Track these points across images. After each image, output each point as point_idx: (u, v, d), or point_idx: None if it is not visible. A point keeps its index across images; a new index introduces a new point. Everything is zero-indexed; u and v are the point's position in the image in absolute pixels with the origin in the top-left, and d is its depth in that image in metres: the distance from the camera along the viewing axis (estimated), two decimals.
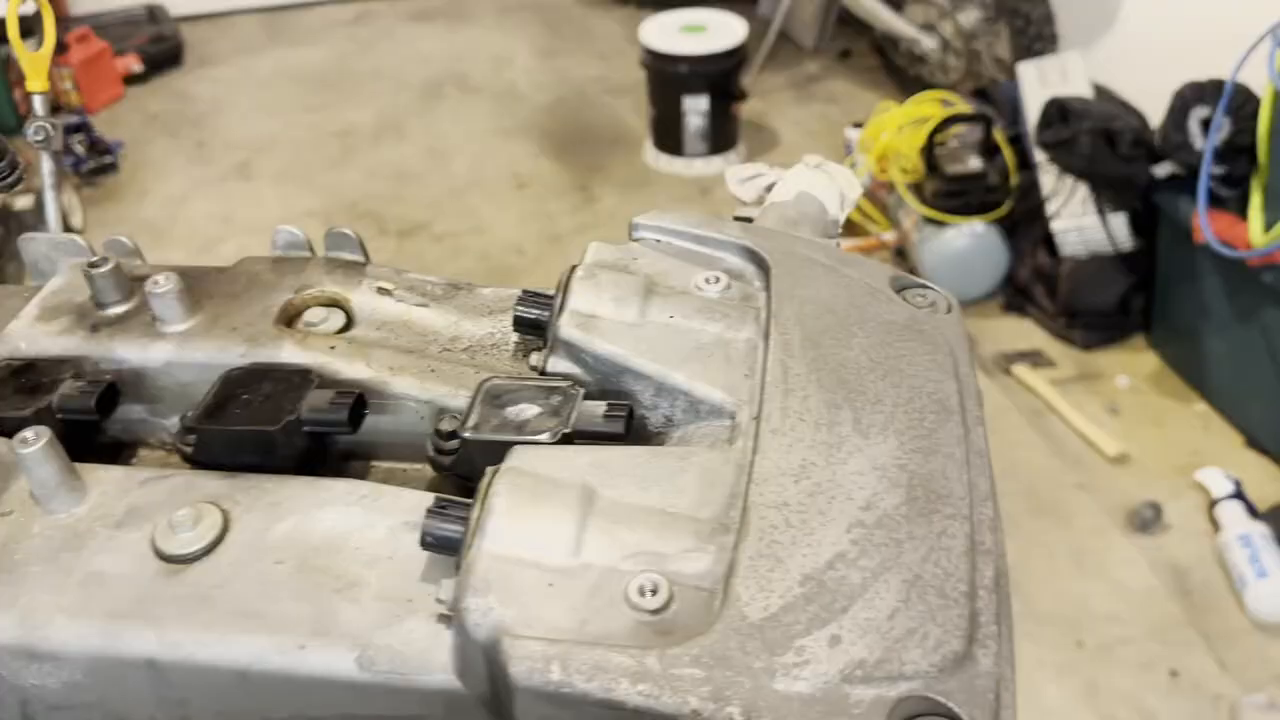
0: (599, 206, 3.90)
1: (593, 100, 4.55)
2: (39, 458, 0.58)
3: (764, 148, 4.10)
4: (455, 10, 5.33)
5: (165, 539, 0.57)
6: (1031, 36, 3.58)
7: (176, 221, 3.85)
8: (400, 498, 0.59)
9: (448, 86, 4.66)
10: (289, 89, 4.66)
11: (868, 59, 4.56)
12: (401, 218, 3.85)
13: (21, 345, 0.70)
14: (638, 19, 5.13)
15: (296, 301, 0.71)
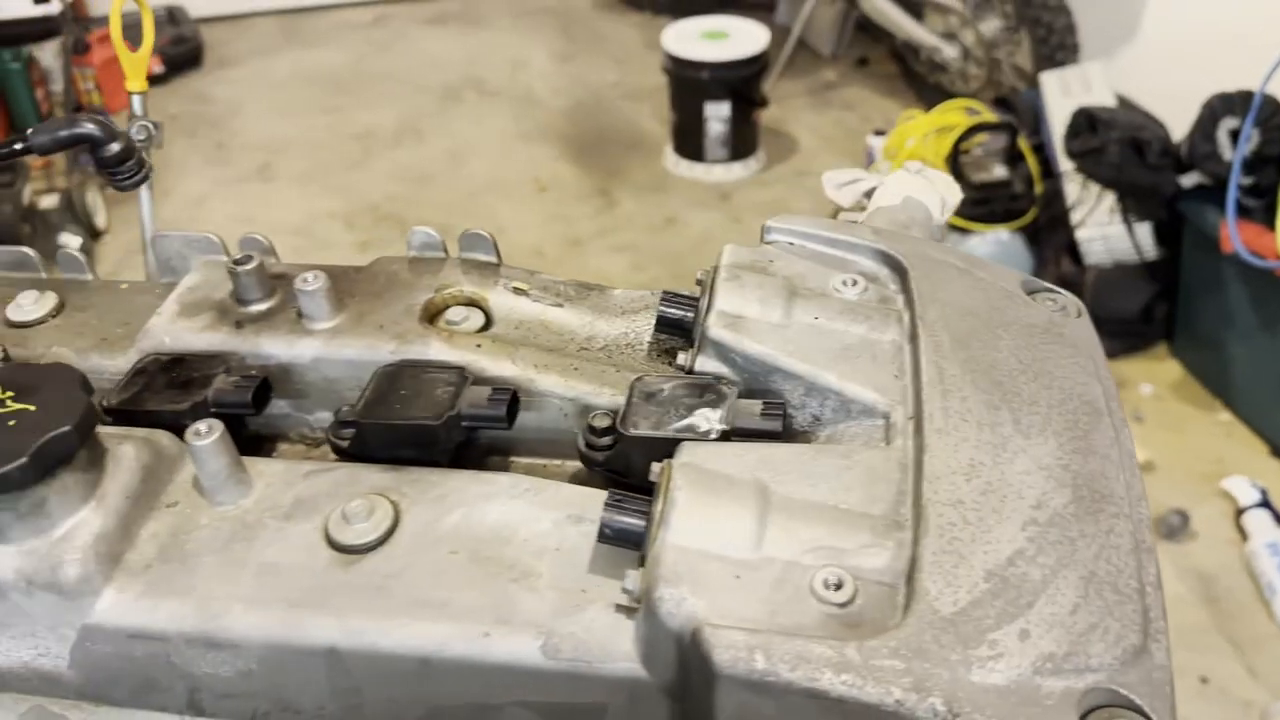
0: (619, 211, 3.91)
1: (610, 105, 4.57)
2: (212, 451, 0.59)
3: (783, 154, 4.13)
4: (470, 14, 5.35)
5: (339, 530, 0.58)
6: (1053, 46, 3.61)
7: (198, 222, 3.86)
8: (560, 491, 0.60)
9: (465, 90, 4.68)
10: (307, 91, 4.67)
11: (885, 66, 4.59)
12: (423, 220, 3.79)
13: (166, 340, 0.71)
14: (653, 25, 5.18)
15: (437, 300, 0.73)
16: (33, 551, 0.56)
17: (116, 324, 0.75)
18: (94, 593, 0.57)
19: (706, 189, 3.97)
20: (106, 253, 3.71)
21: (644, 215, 3.88)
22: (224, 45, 5.05)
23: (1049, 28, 3.62)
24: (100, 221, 3.74)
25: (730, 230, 3.76)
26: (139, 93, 1.06)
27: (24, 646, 0.60)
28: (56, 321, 0.76)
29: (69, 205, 3.61)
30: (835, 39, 4.65)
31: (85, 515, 0.57)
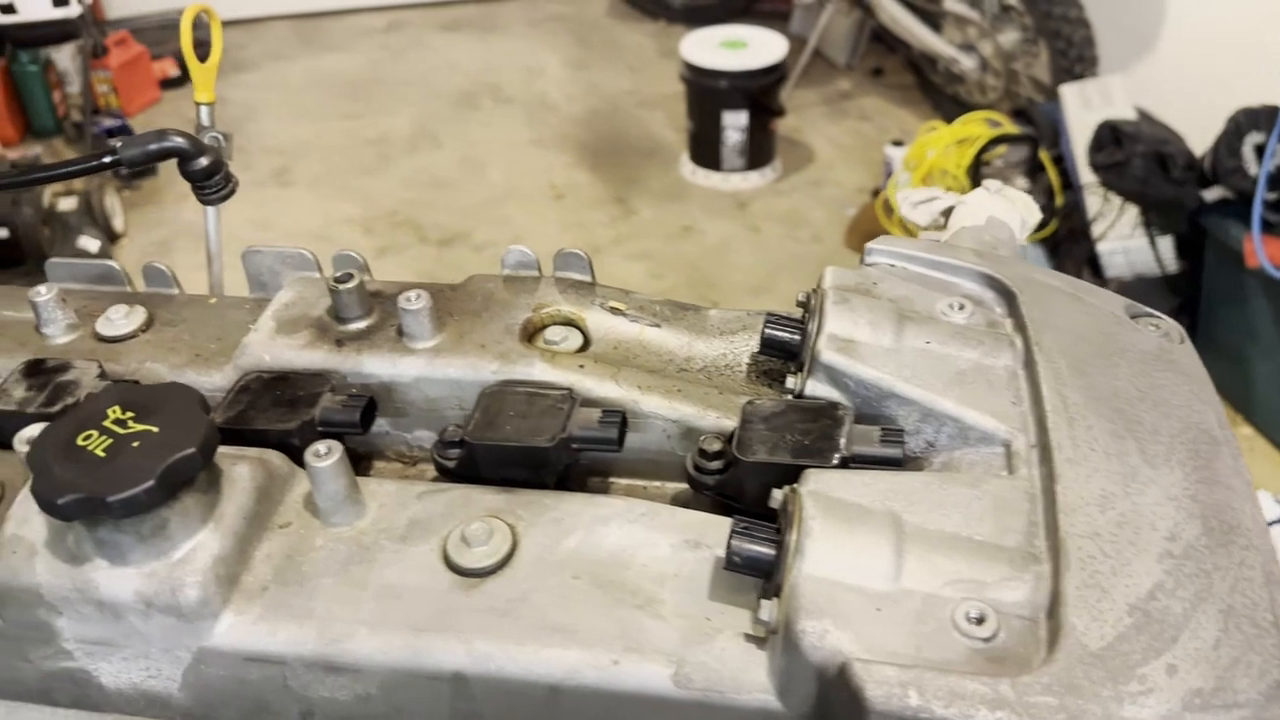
0: (636, 219, 3.91)
1: (626, 113, 4.57)
2: (333, 472, 0.59)
3: (799, 163, 4.13)
4: (485, 21, 5.36)
5: (459, 553, 0.58)
6: (1072, 59, 3.62)
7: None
8: (676, 516, 0.60)
9: (481, 96, 4.68)
10: (323, 96, 4.67)
11: (900, 77, 4.59)
12: (441, 226, 3.86)
13: (265, 357, 0.71)
14: (667, 33, 5.19)
15: (535, 319, 0.72)
16: (152, 574, 0.56)
17: (209, 340, 0.75)
18: (213, 615, 0.57)
19: (723, 197, 3.98)
20: (124, 256, 3.71)
21: (661, 223, 3.88)
22: (239, 49, 5.04)
23: (1068, 40, 3.62)
24: (118, 224, 3.73)
25: (748, 239, 3.76)
26: (207, 104, 1.06)
27: (135, 668, 0.60)
28: (147, 336, 0.76)
29: (87, 208, 3.60)
30: (850, 49, 4.66)
31: (204, 537, 0.57)
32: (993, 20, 3.91)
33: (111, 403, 0.57)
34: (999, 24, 3.90)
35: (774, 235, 3.77)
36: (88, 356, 0.74)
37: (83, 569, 0.56)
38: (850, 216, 3.76)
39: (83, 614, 0.57)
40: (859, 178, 4.00)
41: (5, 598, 0.58)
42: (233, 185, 0.80)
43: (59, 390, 0.69)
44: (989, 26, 3.90)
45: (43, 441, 0.55)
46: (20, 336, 0.77)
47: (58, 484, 0.53)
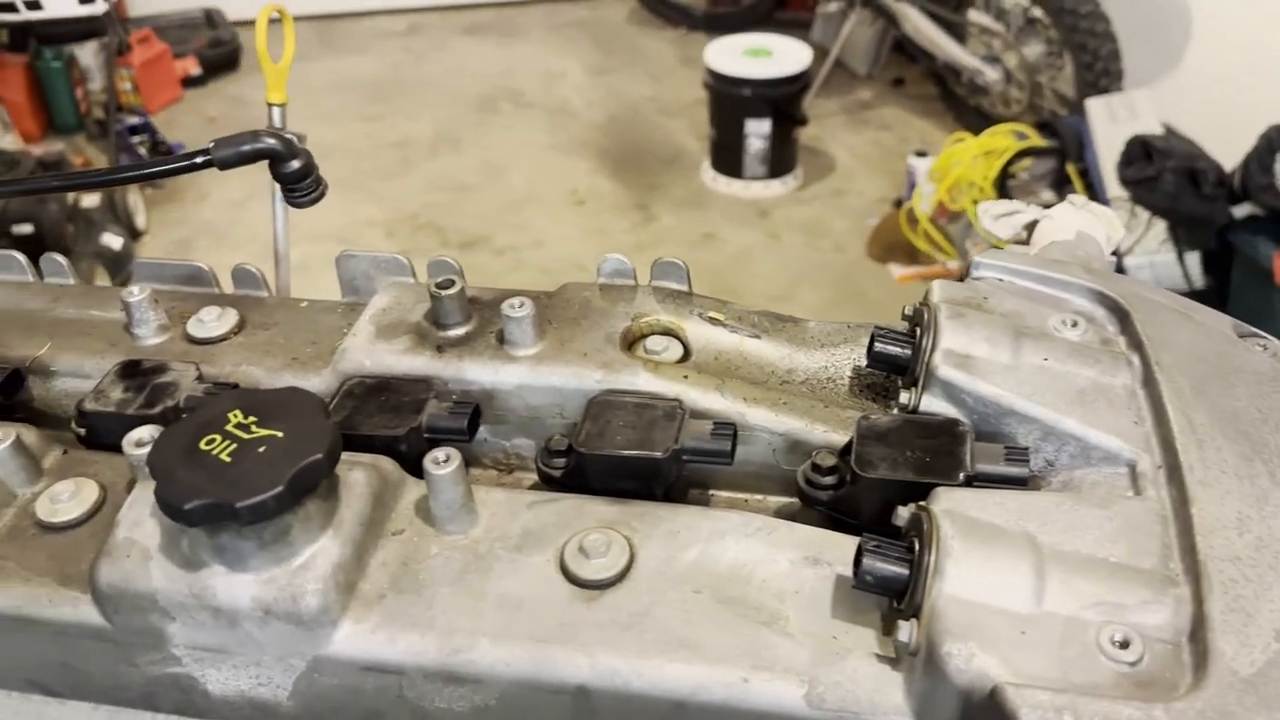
0: (657, 225, 3.91)
1: (646, 119, 4.57)
2: (452, 480, 0.58)
3: (820, 173, 4.13)
4: (506, 25, 5.36)
5: (577, 564, 0.57)
6: (1097, 72, 3.62)
7: (237, 225, 3.86)
8: (794, 532, 0.59)
9: (501, 100, 4.69)
10: (344, 98, 4.67)
11: (921, 87, 4.59)
12: (462, 230, 3.86)
13: (366, 363, 0.70)
14: (688, 41, 5.20)
15: (634, 329, 0.72)
16: (272, 581, 0.55)
17: (304, 343, 0.74)
18: (331, 623, 0.56)
19: (745, 205, 3.98)
20: (146, 253, 3.71)
21: (682, 230, 3.88)
22: None
23: (1094, 54, 3.62)
24: (140, 222, 3.73)
25: (770, 248, 3.76)
26: (279, 105, 1.06)
27: (244, 676, 0.59)
28: (240, 339, 0.75)
29: (110, 205, 3.60)
30: (871, 59, 4.66)
31: (324, 544, 0.56)
32: (1017, 33, 3.91)
33: (232, 406, 0.56)
34: (1024, 36, 3.90)
35: (795, 244, 3.77)
36: (180, 358, 0.73)
37: (199, 574, 0.56)
38: (872, 226, 3.76)
39: (197, 620, 0.57)
40: (880, 188, 4.00)
41: (118, 602, 0.57)
42: (322, 189, 0.80)
43: (157, 392, 0.69)
44: (1014, 39, 3.90)
45: (164, 445, 0.55)
46: (110, 336, 0.76)
47: (184, 489, 0.52)
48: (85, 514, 0.63)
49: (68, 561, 0.61)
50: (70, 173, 0.76)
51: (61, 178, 0.77)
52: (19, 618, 0.60)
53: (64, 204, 3.36)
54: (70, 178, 0.77)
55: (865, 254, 3.66)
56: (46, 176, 0.76)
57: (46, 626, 0.60)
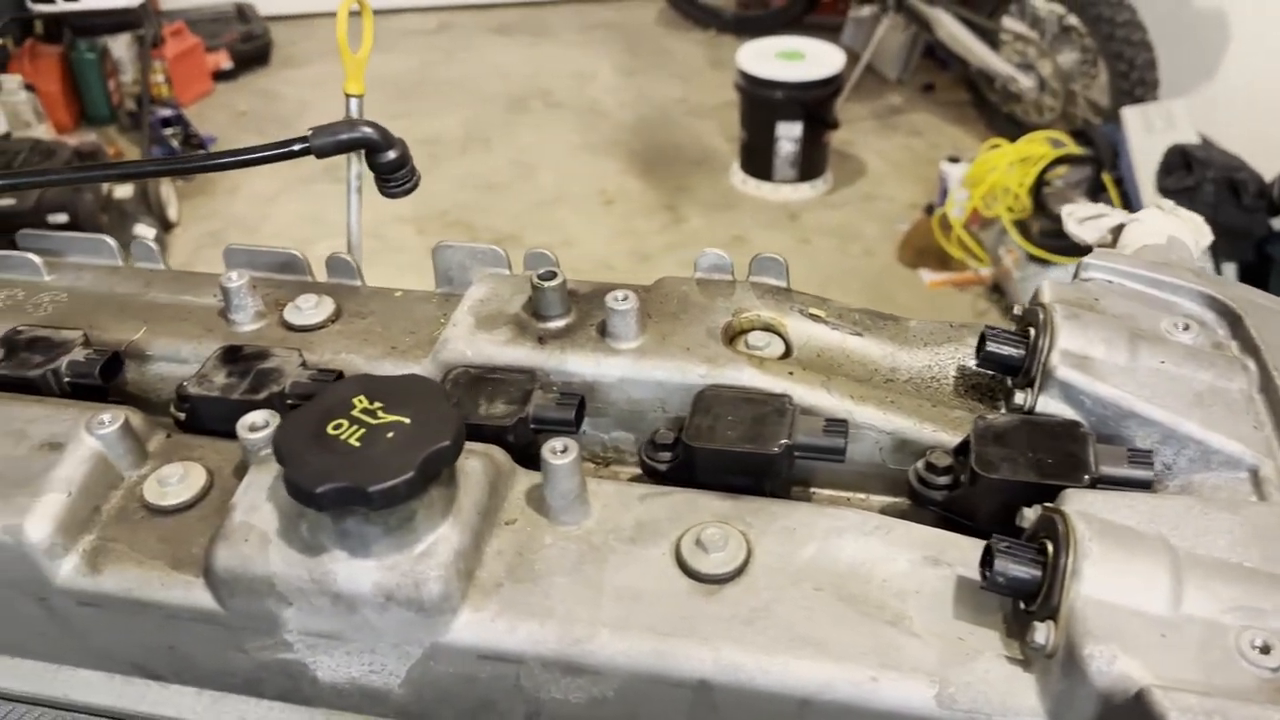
0: (686, 227, 3.91)
1: (676, 121, 4.57)
2: (570, 470, 0.58)
3: (850, 177, 4.12)
4: (535, 25, 5.37)
5: (695, 557, 0.57)
6: (1133, 81, 3.60)
7: (267, 219, 3.87)
8: (911, 531, 0.59)
9: (531, 100, 4.69)
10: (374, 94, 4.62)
11: (952, 93, 4.58)
12: (492, 228, 3.86)
13: (468, 353, 0.70)
14: (717, 43, 5.20)
15: (735, 324, 0.71)
16: (394, 567, 0.55)
17: (402, 332, 0.74)
18: (451, 611, 0.56)
19: (774, 208, 3.97)
20: (178, 245, 3.72)
21: (711, 232, 3.87)
22: (290, 45, 5.07)
23: (1130, 63, 3.60)
24: (172, 214, 3.75)
25: (799, 251, 3.75)
26: (357, 96, 1.06)
27: (357, 662, 0.59)
28: (337, 327, 0.75)
29: (144, 196, 3.62)
30: (902, 64, 4.65)
31: (445, 531, 0.56)
32: (1052, 40, 3.90)
33: (356, 391, 0.56)
34: (1059, 44, 3.89)
35: (825, 248, 3.76)
36: (278, 344, 0.73)
37: (320, 559, 0.56)
38: (902, 232, 3.75)
39: (314, 605, 0.57)
40: (911, 193, 3.98)
41: (234, 586, 0.57)
42: (415, 179, 0.80)
43: (262, 377, 0.69)
44: (1048, 46, 3.88)
45: (290, 429, 0.55)
46: (206, 322, 0.76)
47: (315, 473, 0.52)
48: (194, 497, 0.63)
49: (178, 545, 0.61)
50: (165, 158, 0.76)
51: (156, 163, 0.77)
52: (130, 600, 0.60)
53: (98, 194, 3.38)
54: (166, 163, 0.77)
55: (896, 259, 3.65)
56: (143, 161, 0.76)
57: (157, 610, 0.60)
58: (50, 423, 0.64)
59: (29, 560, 0.60)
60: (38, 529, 0.59)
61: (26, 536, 0.59)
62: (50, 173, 0.70)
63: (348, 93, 1.07)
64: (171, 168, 0.76)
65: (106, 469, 0.63)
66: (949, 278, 3.51)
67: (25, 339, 0.73)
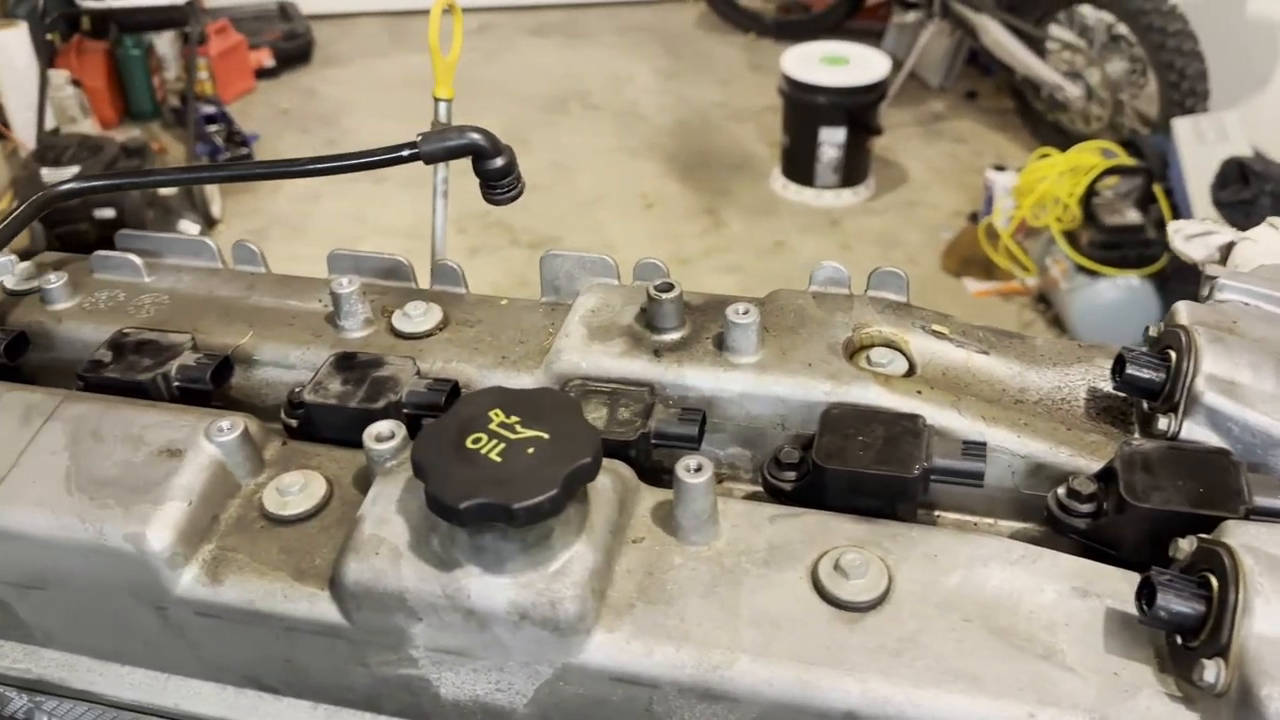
0: (727, 231, 3.89)
1: (715, 125, 4.55)
2: (704, 489, 0.56)
3: (893, 183, 4.09)
4: (573, 27, 5.37)
5: (835, 583, 0.55)
6: (1184, 92, 3.55)
7: (310, 218, 3.88)
8: (1058, 561, 0.57)
9: (570, 102, 4.69)
10: (414, 94, 4.68)
11: (995, 101, 4.54)
12: (531, 230, 3.86)
13: (582, 365, 0.69)
14: (757, 47, 5.17)
15: (856, 340, 0.70)
16: (529, 585, 0.54)
17: (511, 342, 0.73)
18: (585, 631, 0.54)
19: (815, 214, 3.94)
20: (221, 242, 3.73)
21: (752, 237, 3.85)
22: (331, 44, 5.10)
23: (1181, 73, 3.55)
24: (215, 211, 3.77)
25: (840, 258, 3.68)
26: (446, 100, 1.05)
27: (483, 680, 0.58)
28: (445, 335, 0.74)
29: (188, 193, 3.64)
30: (945, 70, 4.61)
31: (580, 549, 0.55)
32: (1101, 49, 3.85)
33: (492, 405, 0.55)
34: (1107, 53, 3.84)
35: (868, 255, 3.73)
36: (388, 352, 0.72)
37: (453, 575, 0.54)
38: (946, 240, 3.71)
39: (445, 621, 0.55)
40: (955, 201, 3.94)
41: (363, 600, 0.56)
42: (520, 187, 0.79)
43: (378, 386, 0.68)
44: (1097, 55, 3.84)
45: (429, 442, 0.53)
46: (313, 327, 0.76)
47: (458, 488, 0.51)
48: (314, 507, 0.62)
49: (300, 556, 0.60)
50: (272, 161, 0.76)
51: (262, 166, 0.76)
52: (251, 612, 0.59)
53: (144, 190, 3.40)
54: (273, 166, 0.76)
55: (939, 267, 3.61)
56: (249, 164, 0.75)
57: (278, 621, 0.59)
58: (168, 429, 0.63)
59: (149, 569, 0.59)
60: (159, 538, 0.58)
61: (148, 545, 0.58)
62: (165, 172, 0.70)
63: (437, 97, 1.06)
64: (279, 171, 0.75)
65: (225, 477, 0.62)
66: (994, 287, 3.47)
67: (133, 341, 0.73)
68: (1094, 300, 3.15)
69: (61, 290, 0.78)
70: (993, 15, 4.02)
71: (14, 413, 0.65)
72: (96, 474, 0.61)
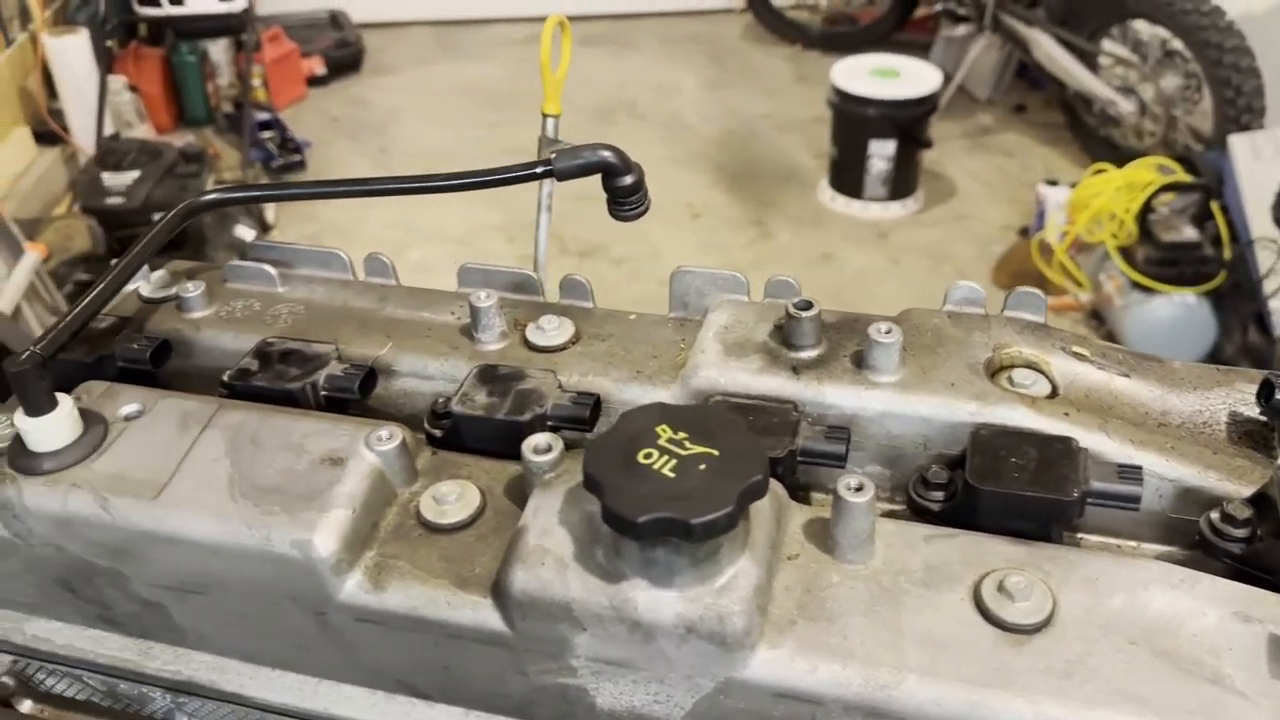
0: (774, 242, 3.89)
1: (762, 136, 4.56)
2: (867, 509, 0.57)
3: (941, 197, 4.07)
4: (619, 37, 5.40)
5: (999, 605, 0.56)
6: (1240, 108, 3.51)
7: (362, 224, 3.93)
8: (1216, 585, 0.57)
9: (616, 112, 4.71)
10: (463, 103, 4.74)
11: (1043, 114, 4.51)
12: (580, 238, 3.88)
13: (720, 380, 0.69)
14: (803, 59, 5.18)
15: (996, 360, 0.70)
16: (696, 599, 0.55)
17: (644, 356, 0.74)
18: (750, 647, 0.55)
19: (864, 226, 3.93)
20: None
21: (800, 249, 3.85)
22: (381, 52, 5.16)
23: (1237, 89, 3.52)
24: (270, 216, 3.82)
25: (889, 271, 3.71)
26: (554, 116, 1.06)
27: (642, 691, 0.59)
28: (578, 348, 0.75)
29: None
30: (994, 83, 4.59)
31: (744, 564, 0.56)
32: (1155, 64, 3.82)
33: (658, 421, 0.56)
34: (1161, 68, 3.81)
35: (917, 268, 3.72)
36: (524, 364, 0.73)
37: (620, 587, 0.55)
38: (997, 254, 3.69)
39: (609, 632, 0.56)
40: (1004, 215, 3.93)
41: (529, 609, 0.57)
42: (647, 204, 0.80)
43: (522, 398, 0.69)
44: (1151, 70, 3.81)
45: (599, 457, 0.54)
46: (449, 339, 0.77)
47: (635, 502, 0.52)
48: (470, 516, 0.63)
49: (461, 564, 0.61)
50: (409, 177, 0.77)
51: (395, 181, 0.78)
52: (414, 618, 0.60)
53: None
54: (409, 181, 0.78)
55: (990, 281, 3.59)
56: (381, 180, 0.76)
57: (440, 628, 0.60)
58: (327, 437, 0.64)
59: (314, 575, 0.60)
60: (325, 544, 0.60)
61: (315, 551, 0.60)
62: (301, 186, 0.71)
63: (545, 113, 1.08)
64: (415, 186, 0.77)
65: (384, 485, 0.63)
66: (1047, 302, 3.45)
67: (278, 351, 0.74)
68: (1149, 317, 3.12)
69: (199, 299, 0.80)
70: (1045, 29, 4.00)
71: (170, 419, 0.67)
72: (259, 481, 0.62)
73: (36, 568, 0.67)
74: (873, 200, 3.97)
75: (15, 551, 0.66)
